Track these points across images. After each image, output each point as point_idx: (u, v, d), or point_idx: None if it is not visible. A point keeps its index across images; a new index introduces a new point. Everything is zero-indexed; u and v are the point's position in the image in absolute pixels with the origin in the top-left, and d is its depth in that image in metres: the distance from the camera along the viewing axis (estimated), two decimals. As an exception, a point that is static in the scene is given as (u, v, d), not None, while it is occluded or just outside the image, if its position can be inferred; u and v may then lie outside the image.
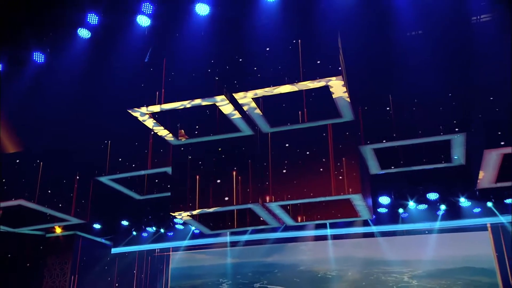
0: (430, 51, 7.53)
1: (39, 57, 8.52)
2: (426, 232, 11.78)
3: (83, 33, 8.19)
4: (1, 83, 8.41)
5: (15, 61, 8.59)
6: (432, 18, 7.52)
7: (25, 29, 8.22)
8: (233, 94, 6.99)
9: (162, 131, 8.11)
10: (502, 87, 7.04)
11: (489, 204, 10.61)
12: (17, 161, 8.98)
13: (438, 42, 7.55)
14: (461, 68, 7.64)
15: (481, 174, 7.58)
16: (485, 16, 7.47)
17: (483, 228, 11.33)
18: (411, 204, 10.49)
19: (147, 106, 7.29)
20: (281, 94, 7.08)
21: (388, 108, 7.88)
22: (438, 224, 11.18)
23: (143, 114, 7.53)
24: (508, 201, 10.32)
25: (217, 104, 7.22)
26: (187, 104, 7.25)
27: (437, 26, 7.58)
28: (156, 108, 7.37)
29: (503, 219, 10.84)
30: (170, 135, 8.25)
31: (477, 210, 10.85)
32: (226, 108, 7.32)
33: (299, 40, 6.85)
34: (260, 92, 6.92)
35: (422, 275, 11.66)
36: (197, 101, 7.18)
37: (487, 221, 11.09)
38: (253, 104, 7.28)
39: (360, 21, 7.35)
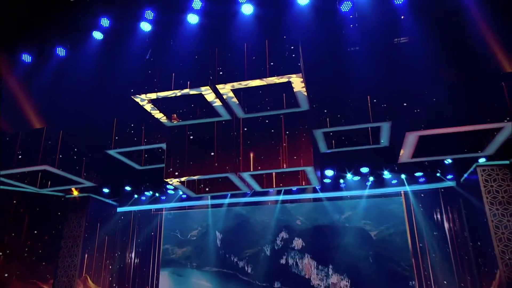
0: (367, 61, 7.49)
1: (61, 51, 8.19)
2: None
3: (97, 35, 7.93)
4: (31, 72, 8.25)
5: (42, 54, 8.27)
6: (368, 37, 7.47)
7: (50, 29, 8.00)
8: (216, 86, 6.77)
9: (158, 114, 7.80)
10: (418, 88, 7.14)
11: (403, 176, 10.73)
12: (43, 134, 8.60)
13: (372, 55, 7.50)
14: (389, 73, 7.64)
15: (401, 151, 7.60)
16: (404, 39, 7.59)
17: (398, 194, 11.49)
18: (349, 175, 10.53)
19: (145, 93, 7.03)
20: (253, 87, 6.92)
21: (334, 101, 7.81)
22: (367, 191, 11.27)
23: (143, 100, 7.23)
24: (417, 174, 10.49)
25: (203, 93, 6.98)
26: (178, 92, 6.97)
27: (371, 42, 7.52)
28: (153, 95, 7.11)
29: (408, 188, 11.02)
30: (165, 117, 7.96)
31: (394, 181, 10.98)
32: (210, 96, 7.09)
33: (267, 45, 6.68)
34: (237, 85, 6.76)
35: (355, 223, 11.76)
36: (186, 91, 6.92)
37: (401, 189, 11.20)
38: (231, 94, 7.09)
39: (316, 33, 7.24)
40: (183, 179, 8.48)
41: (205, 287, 12.57)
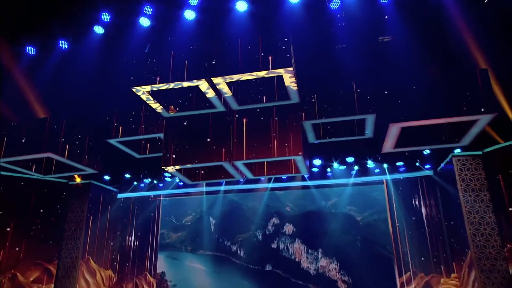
0: (354, 58, 7.49)
1: (63, 44, 8.02)
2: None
3: (98, 29, 7.77)
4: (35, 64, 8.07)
5: (45, 47, 8.08)
6: (355, 35, 7.46)
7: (53, 23, 7.79)
8: (211, 79, 6.72)
9: (156, 105, 7.74)
10: (401, 84, 7.18)
11: (385, 165, 10.84)
12: (46, 123, 8.53)
13: (358, 52, 7.50)
14: (374, 69, 7.66)
15: (385, 142, 7.65)
16: (387, 37, 7.57)
17: (380, 182, 11.59)
18: (335, 165, 10.57)
19: (144, 85, 6.96)
20: (246, 80, 6.90)
21: (323, 94, 7.82)
22: (352, 179, 11.36)
23: (142, 92, 7.16)
24: (398, 163, 10.59)
25: (199, 85, 6.94)
26: (175, 85, 6.93)
27: (358, 40, 7.52)
28: (151, 88, 7.03)
29: (390, 177, 11.14)
30: (162, 108, 7.89)
31: (377, 170, 11.10)
32: (206, 89, 7.05)
33: (260, 40, 6.64)
34: (231, 78, 6.70)
35: (341, 209, 11.83)
36: (183, 83, 6.88)
37: (383, 177, 11.32)
38: (226, 87, 7.05)
39: (306, 29, 7.18)
40: (179, 167, 8.46)
41: (199, 269, 12.60)
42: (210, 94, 7.24)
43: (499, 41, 6.72)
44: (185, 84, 6.90)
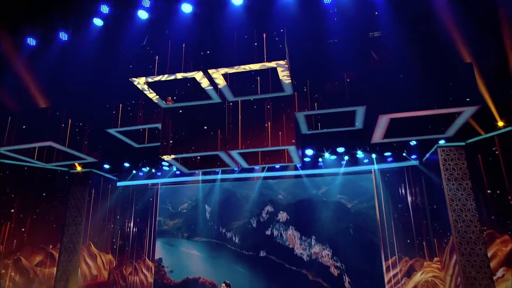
0: (346, 52, 7.49)
1: (63, 36, 7.92)
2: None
3: (97, 21, 7.70)
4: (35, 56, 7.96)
5: (45, 38, 7.98)
6: (346, 30, 7.43)
7: (53, 14, 7.69)
8: (208, 70, 6.67)
9: (154, 96, 7.66)
10: (391, 77, 7.18)
11: (373, 155, 10.93)
12: (47, 113, 8.44)
13: (350, 47, 7.50)
14: (365, 63, 7.67)
15: (375, 133, 7.68)
16: (377, 33, 7.56)
17: (369, 172, 11.66)
18: (326, 155, 10.63)
19: (142, 76, 6.87)
20: (241, 72, 6.84)
21: (316, 87, 7.81)
22: (342, 169, 11.43)
23: (140, 83, 7.09)
24: (386, 154, 10.67)
25: (195, 77, 6.88)
26: (172, 76, 6.87)
27: (349, 35, 7.50)
28: (149, 79, 6.96)
29: (378, 166, 11.24)
30: (160, 99, 7.82)
31: (366, 160, 11.18)
32: (202, 80, 7.00)
33: (255, 33, 6.58)
34: (227, 70, 6.67)
35: (331, 197, 11.90)
36: (180, 74, 6.82)
37: (372, 167, 11.40)
38: (221, 79, 7.00)
39: (300, 24, 7.16)
40: (176, 156, 8.43)
41: (195, 255, 12.64)
42: (206, 85, 7.19)
43: (483, 37, 6.75)
44: (182, 75, 6.83)
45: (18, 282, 9.92)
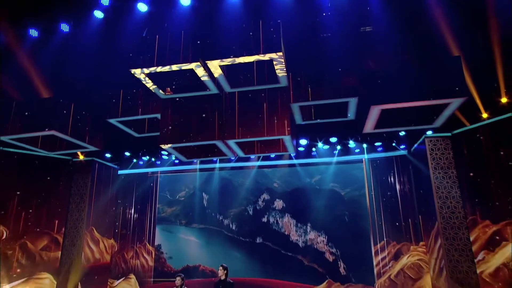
0: (339, 46, 7.46)
1: (65, 27, 7.80)
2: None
3: (98, 13, 7.58)
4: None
5: (47, 30, 7.86)
6: (339, 25, 7.39)
7: (55, 6, 7.57)
8: (206, 62, 6.63)
9: (153, 87, 7.62)
10: (382, 69, 7.21)
11: (364, 145, 11.00)
12: (50, 102, 8.39)
13: (343, 41, 7.46)
14: (357, 56, 7.64)
15: (366, 123, 7.71)
16: (369, 28, 7.53)
17: (360, 161, 11.74)
18: (320, 144, 10.66)
19: (142, 68, 6.82)
20: (238, 63, 6.80)
21: (310, 79, 7.82)
22: (335, 158, 11.49)
23: (140, 74, 7.03)
24: (376, 144, 10.73)
25: (194, 68, 6.83)
26: (171, 67, 6.81)
27: (342, 29, 7.46)
28: (148, 70, 6.90)
29: (368, 156, 11.33)
30: (160, 90, 7.77)
31: (357, 150, 11.25)
32: (200, 72, 6.95)
33: (252, 26, 6.54)
34: (224, 61, 6.62)
35: (325, 186, 11.97)
36: (178, 66, 6.76)
37: (362, 157, 11.49)
38: (219, 70, 6.96)
39: (296, 17, 7.09)
40: (174, 145, 8.42)
41: (193, 242, 12.69)
42: (204, 76, 7.14)
43: (471, 30, 6.76)
44: (180, 67, 6.77)
45: (25, 265, 9.98)
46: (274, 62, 6.67)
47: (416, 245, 10.42)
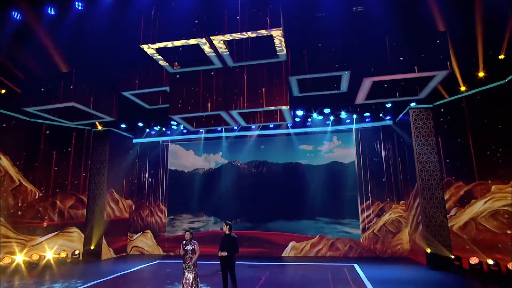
0: (334, 24, 7.27)
1: (79, 5, 7.61)
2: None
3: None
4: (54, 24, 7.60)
5: (63, 7, 7.69)
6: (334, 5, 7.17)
7: None
8: (211, 37, 6.49)
9: (162, 61, 7.51)
10: (374, 44, 7.06)
11: (354, 116, 11.00)
12: (68, 76, 8.34)
13: (338, 19, 7.26)
14: (350, 33, 7.46)
15: (358, 94, 7.70)
16: (360, 7, 7.34)
17: (350, 130, 11.76)
18: (315, 115, 10.66)
19: (151, 43, 6.70)
20: (241, 39, 6.68)
21: (307, 53, 7.72)
22: (329, 128, 11.54)
23: (149, 49, 6.90)
24: (365, 114, 10.73)
25: (199, 44, 6.71)
26: (178, 43, 6.70)
27: (337, 9, 7.25)
28: (157, 45, 6.78)
29: (357, 126, 11.37)
30: (168, 64, 7.67)
31: (348, 120, 11.26)
32: (205, 47, 6.83)
33: (254, 4, 6.33)
34: (228, 37, 6.50)
35: (319, 154, 12.05)
36: (185, 41, 6.64)
37: (353, 126, 11.53)
38: (223, 45, 6.83)
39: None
40: (183, 115, 8.47)
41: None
42: (209, 51, 7.02)
43: (456, 8, 6.58)
44: (187, 42, 6.65)
45: (56, 220, 10.40)
46: (274, 38, 6.55)
47: (397, 204, 10.77)
